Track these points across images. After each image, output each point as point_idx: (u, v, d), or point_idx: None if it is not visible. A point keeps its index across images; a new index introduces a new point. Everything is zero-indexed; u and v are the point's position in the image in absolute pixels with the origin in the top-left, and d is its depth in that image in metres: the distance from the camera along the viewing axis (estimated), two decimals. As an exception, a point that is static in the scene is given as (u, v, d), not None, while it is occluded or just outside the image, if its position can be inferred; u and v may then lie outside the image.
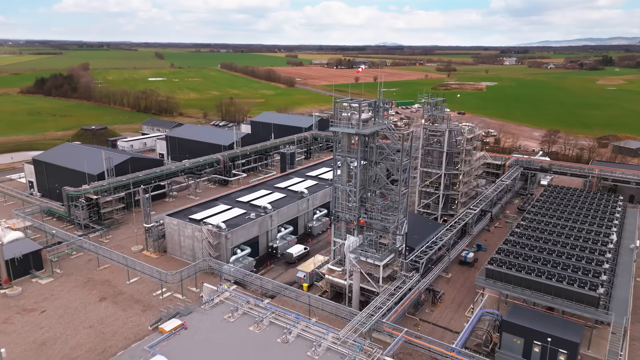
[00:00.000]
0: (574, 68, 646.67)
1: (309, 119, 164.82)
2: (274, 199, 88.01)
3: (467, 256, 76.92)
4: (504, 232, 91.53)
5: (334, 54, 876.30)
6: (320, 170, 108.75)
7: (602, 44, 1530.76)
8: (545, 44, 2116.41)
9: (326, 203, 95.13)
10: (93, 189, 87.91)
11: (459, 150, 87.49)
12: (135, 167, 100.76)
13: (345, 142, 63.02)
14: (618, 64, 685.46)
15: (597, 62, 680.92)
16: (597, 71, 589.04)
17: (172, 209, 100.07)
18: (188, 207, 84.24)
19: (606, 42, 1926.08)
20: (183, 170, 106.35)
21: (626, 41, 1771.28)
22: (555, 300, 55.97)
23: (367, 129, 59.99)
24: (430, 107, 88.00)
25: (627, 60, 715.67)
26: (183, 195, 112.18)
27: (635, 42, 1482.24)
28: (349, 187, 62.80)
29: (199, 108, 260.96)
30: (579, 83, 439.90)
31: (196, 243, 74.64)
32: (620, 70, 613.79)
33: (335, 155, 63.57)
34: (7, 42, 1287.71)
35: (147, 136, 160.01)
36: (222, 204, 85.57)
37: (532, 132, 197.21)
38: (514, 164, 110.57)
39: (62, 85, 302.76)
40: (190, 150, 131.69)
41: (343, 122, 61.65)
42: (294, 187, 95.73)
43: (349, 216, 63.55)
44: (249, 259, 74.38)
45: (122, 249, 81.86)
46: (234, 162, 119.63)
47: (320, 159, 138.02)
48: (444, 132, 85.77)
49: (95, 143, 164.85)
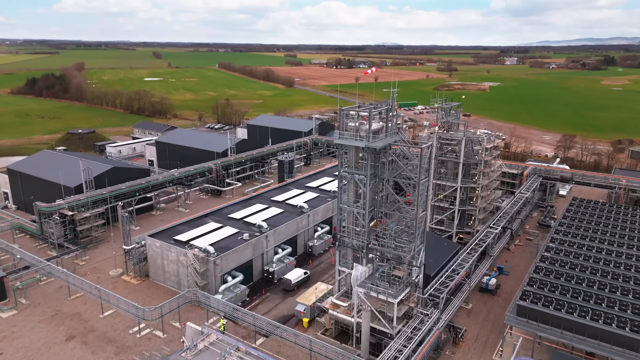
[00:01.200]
0: (577, 68, 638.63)
1: (308, 123, 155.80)
2: (270, 215, 78.94)
3: (488, 283, 67.95)
4: (525, 250, 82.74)
5: (333, 54, 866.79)
6: (321, 181, 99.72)
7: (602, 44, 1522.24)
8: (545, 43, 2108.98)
9: (328, 218, 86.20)
10: (68, 204, 78.67)
11: (476, 161, 78.45)
12: (118, 177, 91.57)
13: (352, 157, 54.02)
14: (620, 64, 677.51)
15: (600, 62, 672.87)
16: (600, 71, 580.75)
17: (159, 223, 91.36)
18: (174, 225, 75.06)
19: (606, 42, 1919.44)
20: (171, 180, 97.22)
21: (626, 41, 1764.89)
22: (601, 346, 47.14)
23: (378, 141, 51.00)
24: (444, 112, 78.99)
25: (629, 60, 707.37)
26: (172, 207, 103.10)
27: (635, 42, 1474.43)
28: (357, 209, 53.82)
29: (194, 109, 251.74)
30: (583, 83, 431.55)
31: (181, 269, 65.62)
32: (623, 70, 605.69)
33: (340, 172, 54.54)
34: (5, 41, 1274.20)
35: (136, 141, 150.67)
36: (212, 221, 76.48)
37: (541, 135, 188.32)
38: (532, 173, 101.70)
39: (53, 86, 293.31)
40: (181, 157, 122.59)
41: (350, 133, 52.80)
42: (292, 201, 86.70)
43: (357, 242, 54.59)
44: (241, 287, 65.35)
45: (100, 273, 72.83)
46: (228, 171, 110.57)
47: (322, 166, 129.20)
48: (460, 140, 76.76)
49: (82, 148, 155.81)
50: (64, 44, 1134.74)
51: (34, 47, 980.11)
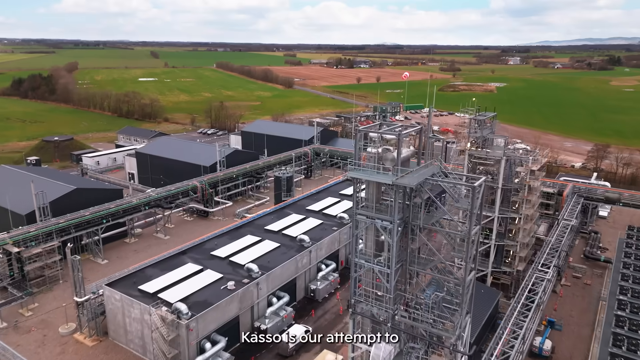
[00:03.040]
0: (582, 68, 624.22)
1: (309, 130, 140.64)
2: (262, 253, 63.91)
3: (542, 347, 52.93)
4: (575, 293, 67.89)
5: (333, 53, 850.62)
6: (324, 202, 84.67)
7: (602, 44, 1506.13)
8: (545, 43, 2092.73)
9: (334, 252, 71.31)
10: (12, 238, 63.66)
11: (518, 186, 63.49)
12: (83, 200, 76.64)
13: (371, 194, 39.23)
14: (626, 64, 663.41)
15: (605, 62, 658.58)
16: (607, 71, 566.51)
17: (131, 255, 76.96)
18: (142, 266, 59.98)
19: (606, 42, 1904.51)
20: (148, 203, 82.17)
21: (626, 41, 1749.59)
22: None
23: (411, 175, 36.18)
24: (478, 124, 64.02)
25: (634, 60, 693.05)
26: (150, 232, 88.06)
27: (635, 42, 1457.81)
28: (379, 266, 38.98)
29: (187, 112, 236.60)
30: (592, 84, 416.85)
31: (147, 330, 50.69)
32: (630, 70, 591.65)
33: (355, 215, 39.67)
34: (3, 40, 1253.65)
35: (116, 150, 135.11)
36: (190, 261, 61.55)
37: (562, 142, 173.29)
38: (571, 192, 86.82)
39: (39, 87, 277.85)
40: (165, 171, 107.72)
41: (369, 161, 38.12)
42: (291, 230, 71.67)
43: (378, 310, 39.76)
44: (224, 355, 50.43)
45: (48, 329, 57.89)
46: (216, 188, 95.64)
47: (324, 179, 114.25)
48: (499, 161, 61.82)
49: (57, 158, 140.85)
50: (62, 43, 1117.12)
51: (31, 46, 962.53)
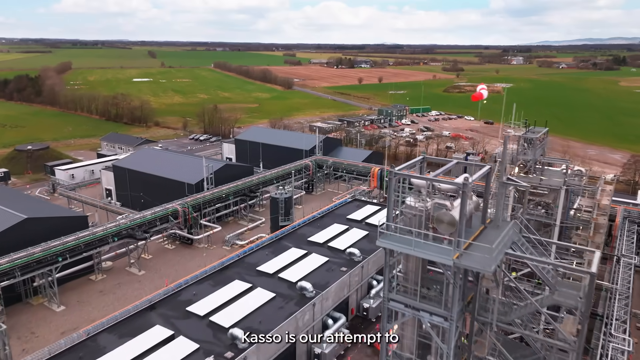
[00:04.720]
0: (587, 68, 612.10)
1: (310, 138, 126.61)
2: (253, 308, 49.90)
3: None
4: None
5: (333, 53, 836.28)
6: (330, 231, 70.66)
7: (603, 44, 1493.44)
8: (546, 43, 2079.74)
9: (344, 300, 57.52)
10: None
11: (581, 223, 49.75)
12: (38, 232, 62.87)
13: (410, 272, 25.60)
14: (631, 64, 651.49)
15: (611, 61, 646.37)
16: (613, 71, 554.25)
17: (96, 298, 63.66)
18: (95, 329, 46.06)
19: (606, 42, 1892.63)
20: (117, 233, 68.33)
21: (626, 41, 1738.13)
22: None
23: (488, 255, 22.48)
24: (527, 143, 50.21)
25: (639, 60, 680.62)
26: (123, 265, 74.28)
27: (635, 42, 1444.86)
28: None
29: (181, 115, 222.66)
30: (600, 85, 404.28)
31: None
32: (637, 70, 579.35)
33: (385, 300, 25.96)
34: (1, 40, 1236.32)
35: (93, 162, 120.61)
36: (158, 322, 47.60)
37: (585, 149, 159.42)
38: (622, 218, 73.19)
39: (25, 88, 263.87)
40: (145, 187, 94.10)
41: (410, 219, 24.58)
42: (288, 272, 57.68)
43: None
44: None
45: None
46: (202, 211, 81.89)
47: (326, 196, 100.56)
48: (558, 191, 48.06)
49: (30, 169, 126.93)
50: (60, 42, 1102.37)
51: (28, 46, 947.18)
